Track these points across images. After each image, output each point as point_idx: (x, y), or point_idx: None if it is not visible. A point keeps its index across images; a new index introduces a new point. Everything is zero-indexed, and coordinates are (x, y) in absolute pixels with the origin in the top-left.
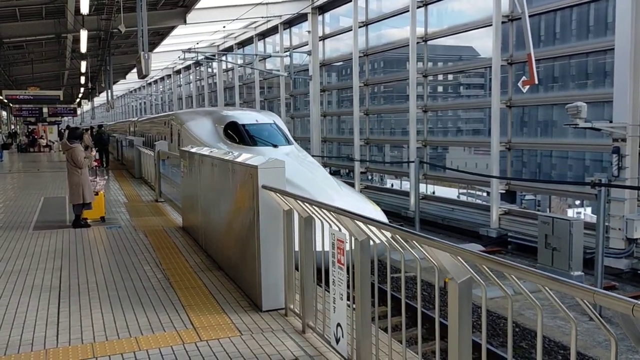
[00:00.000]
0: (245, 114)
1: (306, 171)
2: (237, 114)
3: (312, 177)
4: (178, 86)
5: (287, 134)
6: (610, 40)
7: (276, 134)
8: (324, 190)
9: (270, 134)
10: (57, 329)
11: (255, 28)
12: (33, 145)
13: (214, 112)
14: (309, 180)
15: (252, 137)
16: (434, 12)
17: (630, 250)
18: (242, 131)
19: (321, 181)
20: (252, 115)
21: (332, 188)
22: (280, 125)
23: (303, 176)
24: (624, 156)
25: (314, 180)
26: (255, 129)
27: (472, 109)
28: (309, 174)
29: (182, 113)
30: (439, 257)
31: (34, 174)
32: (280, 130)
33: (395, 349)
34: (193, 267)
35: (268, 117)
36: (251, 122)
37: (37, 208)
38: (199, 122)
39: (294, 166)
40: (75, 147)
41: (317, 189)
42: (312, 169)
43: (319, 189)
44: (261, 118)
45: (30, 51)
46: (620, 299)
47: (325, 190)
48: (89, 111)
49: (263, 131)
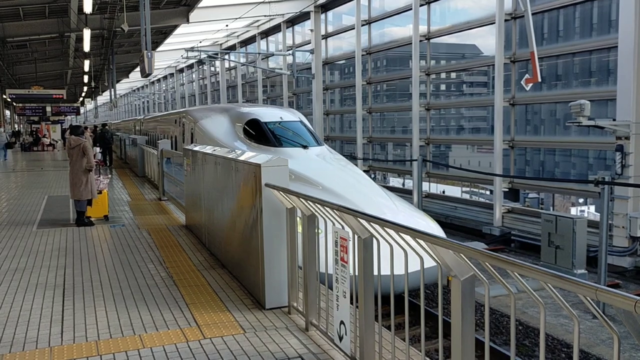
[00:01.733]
0: (268, 111)
1: (348, 178)
2: (258, 110)
3: (357, 185)
4: (181, 85)
5: (316, 134)
6: (614, 38)
7: (304, 133)
8: (373, 201)
9: (297, 134)
10: (61, 327)
11: (258, 27)
12: (36, 144)
13: (232, 109)
14: (353, 189)
15: (277, 137)
16: (437, 10)
17: (633, 248)
18: (266, 130)
19: (368, 190)
20: (275, 112)
21: (382, 199)
22: (306, 124)
23: (345, 184)
24: (627, 154)
25: (359, 189)
26: (280, 128)
27: (475, 107)
28: (351, 181)
29: (196, 110)
30: (442, 255)
31: (37, 172)
32: (307, 129)
33: (398, 346)
34: (196, 265)
35: (292, 114)
36: (275, 119)
37: (41, 206)
38: (215, 120)
39: (332, 172)
40: (85, 142)
41: (365, 200)
42: (354, 176)
43: (367, 201)
44: (286, 115)
45: (33, 50)
46: (622, 296)
47: (375, 202)
48: (92, 110)
49: (288, 130)
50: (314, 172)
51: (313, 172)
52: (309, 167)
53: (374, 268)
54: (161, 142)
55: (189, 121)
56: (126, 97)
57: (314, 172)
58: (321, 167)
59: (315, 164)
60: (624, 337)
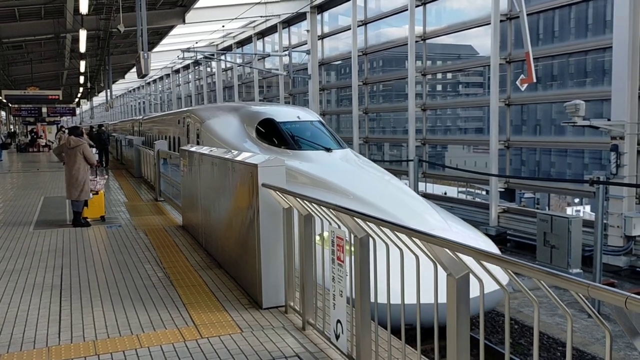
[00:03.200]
0: (283, 110)
1: (384, 187)
2: (271, 109)
3: (396, 196)
4: (177, 86)
5: (337, 135)
6: (608, 39)
7: (324, 134)
8: (420, 216)
9: (316, 135)
10: (59, 327)
11: (254, 27)
12: (32, 145)
13: (242, 108)
14: (392, 200)
15: (295, 139)
16: (433, 11)
17: (628, 248)
18: (282, 131)
19: (411, 202)
20: (291, 110)
21: (430, 215)
22: (325, 124)
23: (381, 194)
24: (622, 154)
25: (400, 201)
26: (298, 129)
27: (471, 108)
28: (389, 190)
29: (202, 109)
30: (437, 253)
31: (33, 173)
32: (327, 129)
33: (394, 345)
34: (193, 265)
35: (310, 113)
36: (291, 119)
37: (37, 207)
38: (224, 120)
39: (364, 179)
40: (84, 143)
41: (410, 214)
42: (390, 185)
43: (413, 215)
44: (303, 115)
45: (29, 51)
46: (613, 292)
47: (423, 217)
48: (88, 111)
49: (306, 131)
50: (342, 178)
51: (341, 178)
52: (336, 173)
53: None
54: (157, 143)
55: (195, 121)
56: (122, 98)
57: (343, 179)
58: (350, 173)
59: (342, 170)
60: (618, 335)
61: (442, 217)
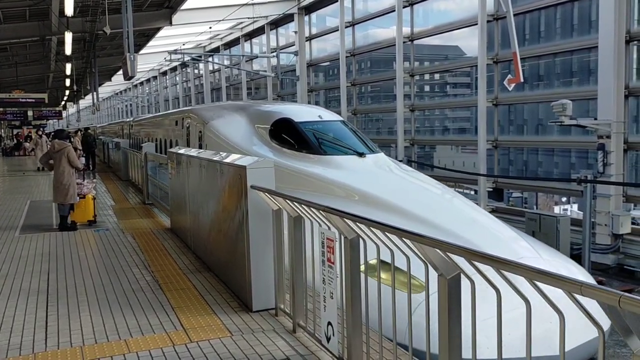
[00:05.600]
0: (300, 109)
1: (451, 205)
2: (287, 108)
3: (464, 213)
4: (164, 88)
5: (364, 136)
6: (594, 38)
7: (351, 136)
8: (504, 243)
9: (343, 137)
10: (45, 333)
11: (241, 29)
12: (18, 149)
13: (251, 107)
14: (460, 220)
15: (319, 142)
16: (420, 12)
17: (616, 246)
18: (302, 133)
19: (487, 224)
20: (310, 110)
21: (512, 239)
22: (349, 124)
23: (444, 212)
24: (608, 152)
25: (471, 221)
26: (321, 130)
27: (459, 108)
28: (452, 206)
29: (205, 108)
30: (428, 254)
31: (19, 177)
32: (353, 131)
33: (385, 346)
34: (182, 268)
35: (330, 113)
36: (312, 119)
37: (23, 211)
38: (231, 120)
39: (417, 192)
40: (69, 146)
41: (490, 239)
42: (452, 198)
43: (494, 241)
44: (325, 114)
45: (14, 54)
46: (606, 291)
47: (508, 244)
48: (74, 114)
49: (330, 132)
50: (386, 191)
51: (385, 191)
52: (377, 184)
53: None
54: (145, 146)
55: (196, 122)
56: (109, 101)
57: (388, 191)
58: (396, 183)
59: (384, 180)
60: (609, 333)
61: (529, 243)
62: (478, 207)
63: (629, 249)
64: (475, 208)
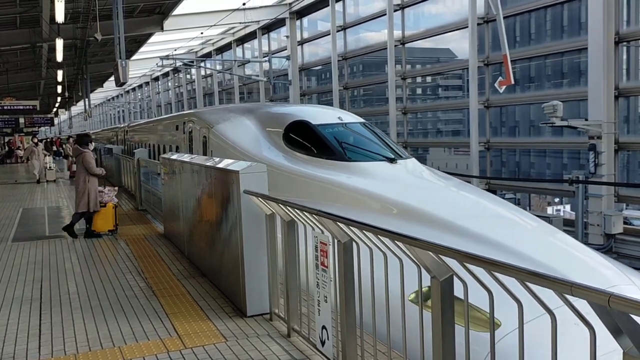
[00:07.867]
0: (317, 110)
1: (514, 222)
2: (301, 109)
3: (539, 236)
4: (157, 93)
5: (391, 141)
6: (584, 40)
7: (377, 140)
8: (591, 269)
9: (368, 142)
10: (39, 341)
11: (233, 34)
12: (10, 157)
13: (261, 109)
14: (537, 243)
15: (343, 147)
16: (411, 16)
17: (609, 246)
18: (322, 137)
19: (565, 246)
20: (328, 111)
21: (599, 263)
22: (372, 127)
23: (516, 233)
24: (600, 153)
25: (550, 245)
26: (343, 134)
27: (451, 110)
28: (524, 226)
29: (209, 111)
30: (420, 256)
31: (11, 185)
32: (377, 134)
33: (380, 349)
34: (176, 274)
35: (350, 115)
36: (331, 121)
37: (15, 220)
38: (239, 124)
39: (478, 208)
40: (86, 152)
41: (577, 267)
42: (519, 217)
43: (580, 267)
44: (345, 116)
45: (5, 61)
46: (596, 291)
47: (596, 270)
48: (66, 121)
49: (351, 136)
50: (429, 203)
51: (429, 203)
52: (415, 195)
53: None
54: (137, 152)
55: (200, 127)
56: (101, 107)
57: (431, 203)
58: (444, 195)
59: (424, 190)
60: None
61: (618, 268)
62: (549, 226)
63: (621, 249)
64: (548, 228)
